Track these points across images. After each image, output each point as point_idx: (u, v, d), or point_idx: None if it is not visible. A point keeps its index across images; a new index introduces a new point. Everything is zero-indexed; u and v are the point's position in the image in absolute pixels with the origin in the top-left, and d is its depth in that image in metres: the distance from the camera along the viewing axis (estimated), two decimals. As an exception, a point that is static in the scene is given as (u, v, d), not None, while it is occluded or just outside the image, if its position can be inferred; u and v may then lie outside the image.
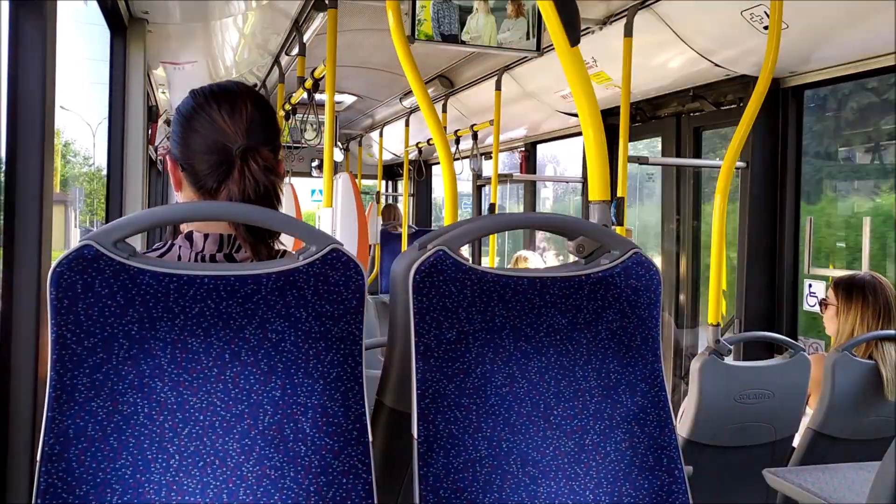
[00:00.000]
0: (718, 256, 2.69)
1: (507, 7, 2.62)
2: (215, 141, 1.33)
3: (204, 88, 1.41)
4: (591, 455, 1.21)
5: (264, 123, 1.39)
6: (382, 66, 4.95)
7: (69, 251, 1.04)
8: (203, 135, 1.34)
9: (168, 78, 4.59)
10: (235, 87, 1.42)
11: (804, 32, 2.75)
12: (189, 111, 1.37)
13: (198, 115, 1.36)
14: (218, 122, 1.34)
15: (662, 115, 4.04)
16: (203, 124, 1.34)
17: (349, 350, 1.13)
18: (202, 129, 1.34)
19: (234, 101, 1.37)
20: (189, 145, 1.35)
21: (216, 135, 1.33)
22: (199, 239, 1.31)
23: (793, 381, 2.55)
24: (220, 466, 1.07)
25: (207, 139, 1.33)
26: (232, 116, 1.35)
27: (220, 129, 1.33)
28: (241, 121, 1.35)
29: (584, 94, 1.44)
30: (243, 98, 1.38)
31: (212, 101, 1.36)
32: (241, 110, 1.36)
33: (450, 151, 2.29)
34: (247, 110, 1.37)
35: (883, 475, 1.40)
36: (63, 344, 1.03)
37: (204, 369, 1.08)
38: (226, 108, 1.35)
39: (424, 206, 8.05)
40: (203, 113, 1.35)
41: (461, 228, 1.22)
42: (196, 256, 1.29)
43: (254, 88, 1.47)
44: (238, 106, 1.36)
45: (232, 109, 1.35)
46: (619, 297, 1.24)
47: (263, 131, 1.38)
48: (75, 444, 1.03)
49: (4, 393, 1.33)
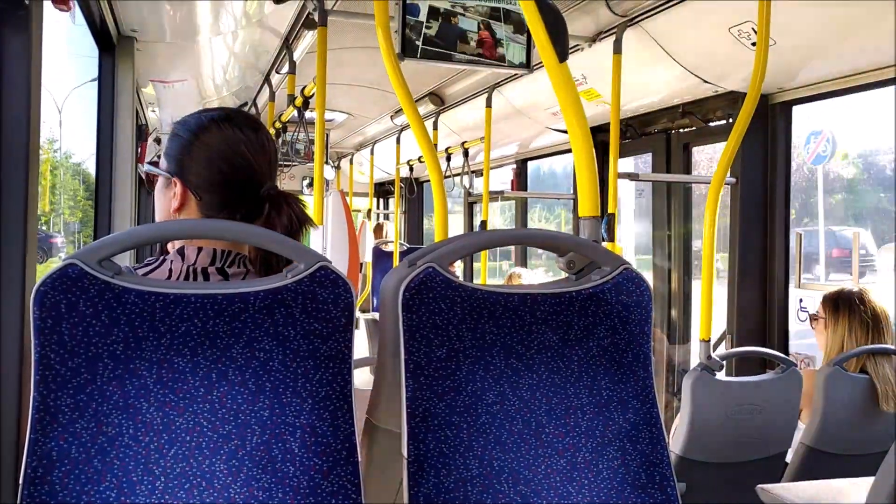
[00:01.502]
0: (709, 272, 2.69)
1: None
2: (240, 174, 1.31)
3: (217, 111, 1.37)
4: (583, 473, 1.19)
5: (276, 163, 1.39)
6: (373, 84, 4.96)
7: (53, 270, 1.03)
8: (224, 160, 1.31)
9: (157, 96, 4.59)
10: (253, 116, 1.41)
11: (792, 49, 2.77)
12: (203, 129, 1.33)
13: (216, 137, 1.32)
14: (244, 152, 1.31)
15: (652, 131, 4.06)
16: (224, 148, 1.31)
17: (338, 369, 1.12)
18: (224, 153, 1.31)
19: (258, 132, 1.35)
20: (202, 169, 1.31)
21: (242, 167, 1.31)
22: (191, 253, 1.29)
23: (785, 396, 2.54)
24: (206, 488, 1.05)
25: (229, 169, 1.31)
26: (257, 150, 1.33)
27: (245, 160, 1.31)
28: (267, 157, 1.34)
29: (574, 110, 1.43)
30: (264, 131, 1.37)
31: (234, 127, 1.32)
32: (264, 144, 1.34)
33: (440, 169, 2.28)
34: (270, 146, 1.36)
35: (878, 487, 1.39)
36: (46, 364, 1.02)
37: (190, 389, 1.07)
38: (251, 137, 1.33)
39: (416, 223, 8.05)
40: (223, 136, 1.31)
41: (451, 245, 1.21)
42: (188, 269, 1.27)
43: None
44: (262, 139, 1.34)
45: (257, 140, 1.33)
46: (609, 314, 1.24)
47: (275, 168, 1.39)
48: (59, 467, 1.01)
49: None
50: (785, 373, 2.54)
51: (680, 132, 3.89)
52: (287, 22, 3.33)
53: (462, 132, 5.31)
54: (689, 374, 2.50)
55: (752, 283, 3.40)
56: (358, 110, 5.84)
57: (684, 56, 3.11)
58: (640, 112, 3.96)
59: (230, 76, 4.36)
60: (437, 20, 2.48)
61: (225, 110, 1.38)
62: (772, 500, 2.05)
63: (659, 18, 2.94)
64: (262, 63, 4.13)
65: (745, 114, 2.48)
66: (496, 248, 5.11)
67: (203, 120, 1.34)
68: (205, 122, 1.34)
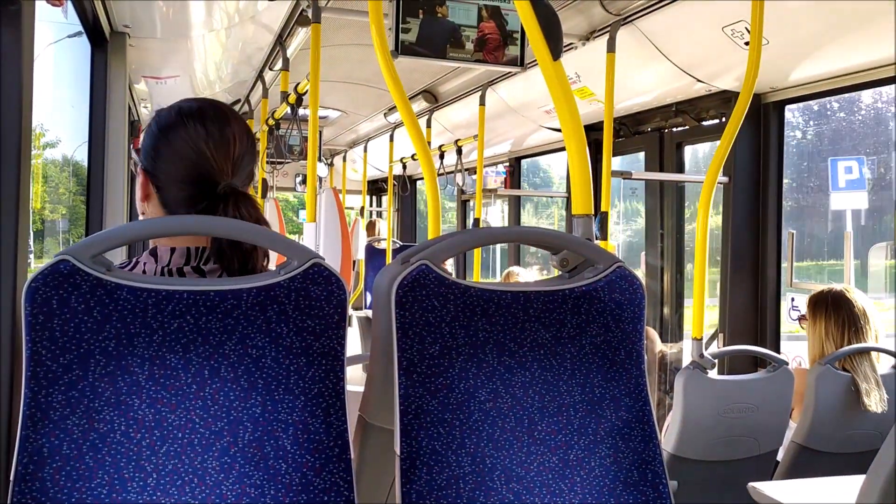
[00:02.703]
0: (701, 271, 2.70)
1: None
2: (199, 171, 1.27)
3: (191, 103, 1.33)
4: (575, 470, 1.19)
5: (250, 157, 1.33)
6: (367, 82, 4.95)
7: (45, 266, 1.02)
8: (185, 158, 1.28)
9: (150, 92, 4.57)
10: (226, 110, 1.35)
11: (785, 48, 2.78)
12: (170, 126, 1.30)
13: (180, 134, 1.29)
14: (203, 150, 1.27)
15: (645, 130, 4.06)
16: (185, 146, 1.28)
17: (330, 366, 1.12)
18: (184, 151, 1.28)
19: (224, 128, 1.30)
20: (166, 165, 1.29)
21: (200, 164, 1.27)
22: (164, 253, 1.26)
23: (776, 395, 2.55)
24: (198, 485, 1.05)
25: (190, 166, 1.28)
26: (219, 146, 1.28)
27: (205, 157, 1.27)
28: (230, 154, 1.29)
29: (567, 108, 1.44)
30: (233, 126, 1.31)
31: (198, 123, 1.29)
32: (229, 141, 1.29)
33: (433, 167, 2.28)
34: (236, 142, 1.30)
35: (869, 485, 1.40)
36: (38, 361, 1.01)
37: (182, 386, 1.06)
38: (214, 133, 1.29)
39: (409, 221, 8.05)
40: (187, 133, 1.28)
41: (444, 242, 1.21)
42: (162, 271, 1.25)
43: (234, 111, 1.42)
44: (227, 135, 1.29)
45: (220, 137, 1.29)
46: (602, 312, 1.24)
47: (248, 166, 1.33)
48: (49, 464, 1.01)
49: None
50: (776, 371, 2.55)
51: (673, 131, 3.90)
52: (280, 18, 3.32)
53: (455, 130, 5.31)
54: (681, 372, 2.50)
55: (744, 282, 3.41)
56: (351, 107, 5.84)
57: (677, 55, 3.12)
58: (634, 111, 3.97)
59: (223, 73, 4.35)
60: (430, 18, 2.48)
61: (198, 102, 1.34)
62: (763, 498, 2.06)
63: (652, 17, 2.95)
64: (255, 60, 4.12)
65: (737, 113, 2.48)
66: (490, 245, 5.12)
67: (171, 114, 1.32)
68: (173, 116, 1.32)
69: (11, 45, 1.25)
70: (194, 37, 3.46)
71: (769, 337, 3.40)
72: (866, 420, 2.52)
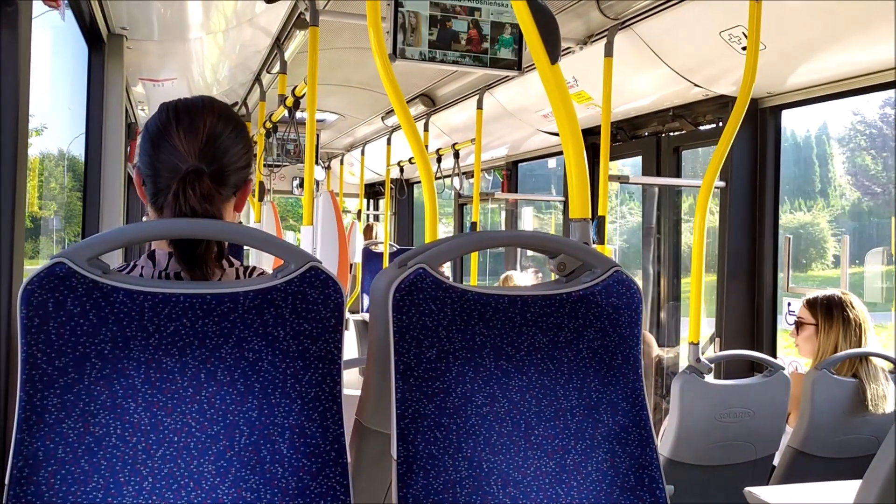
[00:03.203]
0: (698, 275, 2.70)
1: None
2: (171, 162, 1.28)
3: (170, 104, 1.35)
4: (572, 475, 1.19)
5: (224, 142, 1.32)
6: (364, 85, 4.95)
7: (40, 268, 1.02)
8: (163, 154, 1.29)
9: (147, 95, 4.57)
10: (200, 102, 1.36)
11: (782, 53, 2.79)
12: (154, 128, 1.32)
13: (160, 133, 1.31)
14: (175, 141, 1.29)
15: (642, 134, 4.07)
16: (164, 143, 1.30)
17: (327, 369, 1.11)
18: (163, 147, 1.29)
19: (194, 117, 1.31)
20: (151, 163, 1.31)
21: (173, 155, 1.29)
22: (161, 257, 1.27)
23: (773, 400, 2.56)
24: (194, 489, 1.05)
25: (166, 159, 1.29)
26: (188, 135, 1.29)
27: (175, 148, 1.29)
28: (196, 140, 1.29)
29: (565, 112, 1.44)
30: (204, 115, 1.32)
31: (173, 119, 1.31)
32: (198, 128, 1.30)
33: (431, 170, 2.28)
34: (205, 128, 1.30)
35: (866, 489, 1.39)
36: (33, 364, 1.01)
37: (179, 389, 1.06)
38: (184, 125, 1.30)
39: (406, 224, 8.04)
40: (165, 131, 1.30)
41: (442, 246, 1.21)
42: (160, 275, 1.25)
43: (225, 104, 1.41)
44: (196, 123, 1.30)
45: (190, 127, 1.30)
46: (600, 316, 1.24)
47: (220, 150, 1.32)
48: (45, 467, 1.00)
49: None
50: (773, 376, 2.55)
51: (670, 135, 3.91)
52: (278, 22, 3.33)
53: (452, 133, 5.31)
54: (678, 376, 2.50)
55: (740, 286, 3.42)
56: (348, 111, 5.84)
57: (675, 59, 3.12)
58: (631, 115, 3.98)
59: (220, 75, 4.35)
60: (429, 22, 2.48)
61: (182, 100, 1.35)
62: (759, 502, 2.06)
63: (650, 22, 2.95)
64: (252, 63, 4.12)
65: (735, 118, 2.49)
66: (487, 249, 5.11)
67: (156, 112, 1.35)
68: (155, 113, 1.34)
69: (8, 45, 1.25)
70: (192, 39, 3.46)
71: (765, 342, 3.40)
72: (863, 425, 2.52)
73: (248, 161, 1.39)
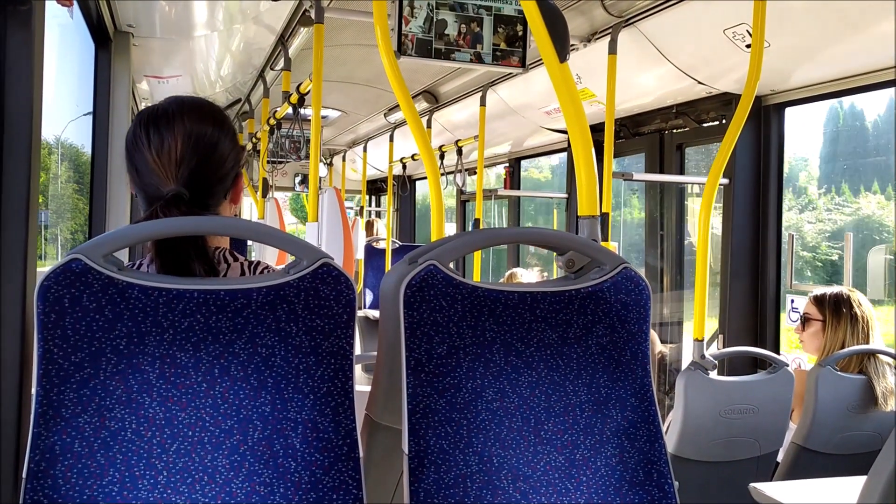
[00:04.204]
0: (702, 272, 2.71)
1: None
2: (152, 184, 1.27)
3: (141, 116, 1.31)
4: (581, 470, 1.20)
5: (202, 153, 1.28)
6: (367, 82, 4.96)
7: (57, 265, 1.03)
8: (144, 176, 1.28)
9: (152, 92, 4.58)
10: (168, 108, 1.30)
11: (786, 51, 2.79)
12: (129, 142, 1.30)
13: (135, 148, 1.29)
14: (149, 161, 1.27)
15: (646, 131, 4.08)
16: (139, 160, 1.28)
17: (339, 365, 1.12)
18: (141, 168, 1.28)
19: (164, 133, 1.27)
20: (135, 180, 1.30)
21: (151, 178, 1.27)
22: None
23: (777, 396, 2.57)
24: (208, 483, 1.06)
25: (147, 181, 1.28)
26: (161, 153, 1.26)
27: (151, 169, 1.27)
28: (171, 160, 1.26)
29: (574, 110, 1.44)
30: (173, 127, 1.27)
31: (142, 134, 1.28)
32: (170, 145, 1.26)
33: (437, 167, 2.29)
34: (176, 145, 1.26)
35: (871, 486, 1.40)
36: (50, 359, 1.02)
37: (193, 384, 1.07)
38: (155, 142, 1.27)
39: (408, 221, 8.05)
40: (138, 146, 1.28)
41: (452, 243, 1.22)
42: None
43: (198, 102, 1.36)
44: (167, 140, 1.26)
45: (161, 144, 1.26)
46: (608, 312, 1.25)
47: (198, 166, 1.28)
48: (61, 461, 1.01)
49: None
50: (776, 373, 2.56)
51: (673, 132, 3.91)
52: (283, 19, 3.33)
53: (455, 130, 5.32)
54: (682, 373, 2.51)
55: (744, 283, 3.43)
56: (351, 107, 5.84)
57: (679, 57, 3.13)
58: (634, 112, 3.98)
59: (224, 72, 4.35)
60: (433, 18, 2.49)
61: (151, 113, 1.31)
62: (763, 498, 2.07)
63: (654, 19, 2.96)
64: (256, 60, 4.12)
65: (739, 115, 2.49)
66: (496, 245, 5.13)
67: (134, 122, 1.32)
68: (133, 124, 1.32)
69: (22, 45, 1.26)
70: (196, 36, 3.47)
71: (769, 338, 3.41)
72: (866, 421, 2.53)
73: (235, 159, 1.36)
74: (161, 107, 1.32)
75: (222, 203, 1.37)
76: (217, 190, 1.33)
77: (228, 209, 1.41)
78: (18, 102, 1.26)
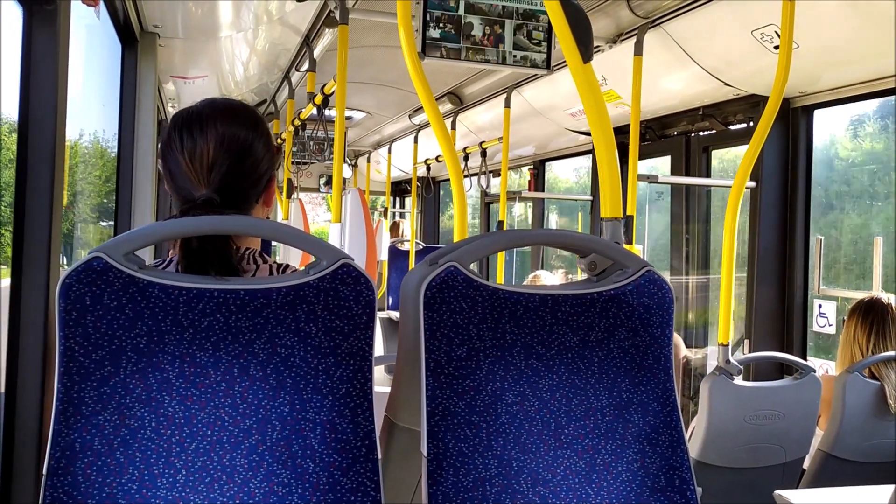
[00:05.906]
0: (728, 276, 2.68)
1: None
2: (185, 188, 1.27)
3: (177, 116, 1.31)
4: (602, 475, 1.19)
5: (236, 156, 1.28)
6: (392, 83, 4.97)
7: (78, 263, 1.04)
8: (178, 179, 1.28)
9: (178, 92, 4.62)
10: (202, 111, 1.30)
11: (815, 52, 2.75)
12: (163, 145, 1.30)
13: (168, 152, 1.29)
14: (182, 165, 1.27)
15: (672, 133, 4.04)
16: (173, 163, 1.28)
17: (359, 366, 1.12)
18: (175, 171, 1.28)
19: (196, 136, 1.27)
20: (170, 181, 1.30)
21: (185, 182, 1.27)
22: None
23: (803, 402, 2.53)
24: (227, 482, 1.06)
25: (181, 185, 1.28)
26: (193, 157, 1.26)
27: (184, 173, 1.27)
28: (202, 164, 1.26)
29: (597, 112, 1.43)
30: (206, 130, 1.27)
31: (176, 137, 1.28)
32: (202, 149, 1.26)
33: (460, 169, 2.28)
34: (208, 149, 1.26)
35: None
36: (70, 356, 1.02)
37: (212, 384, 1.07)
38: (188, 145, 1.27)
39: (432, 222, 8.06)
40: (171, 149, 1.28)
41: (473, 244, 1.21)
42: None
43: (233, 104, 1.36)
44: (199, 144, 1.26)
45: (193, 147, 1.26)
46: (631, 316, 1.23)
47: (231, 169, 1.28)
48: (81, 458, 1.02)
49: (11, 406, 1.33)
50: (803, 378, 2.53)
51: (700, 135, 3.88)
52: (308, 20, 3.34)
53: (479, 132, 5.31)
54: (706, 378, 2.49)
55: (770, 287, 3.38)
56: (376, 109, 5.86)
57: (705, 58, 3.10)
58: (660, 114, 3.95)
59: (250, 73, 4.38)
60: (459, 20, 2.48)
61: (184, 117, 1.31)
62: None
63: (680, 20, 2.93)
64: (281, 61, 4.14)
65: (766, 117, 2.46)
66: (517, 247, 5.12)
67: (169, 124, 1.32)
68: (168, 125, 1.32)
69: (47, 44, 1.27)
70: (222, 37, 3.49)
71: (796, 343, 3.36)
72: (893, 429, 2.48)
73: (269, 161, 1.36)
74: (195, 109, 1.32)
75: (255, 206, 1.37)
76: (250, 194, 1.33)
77: (261, 211, 1.40)
78: (44, 101, 1.27)
